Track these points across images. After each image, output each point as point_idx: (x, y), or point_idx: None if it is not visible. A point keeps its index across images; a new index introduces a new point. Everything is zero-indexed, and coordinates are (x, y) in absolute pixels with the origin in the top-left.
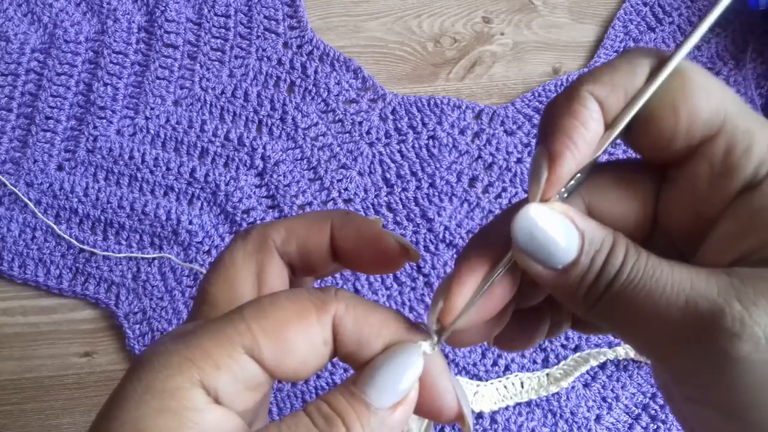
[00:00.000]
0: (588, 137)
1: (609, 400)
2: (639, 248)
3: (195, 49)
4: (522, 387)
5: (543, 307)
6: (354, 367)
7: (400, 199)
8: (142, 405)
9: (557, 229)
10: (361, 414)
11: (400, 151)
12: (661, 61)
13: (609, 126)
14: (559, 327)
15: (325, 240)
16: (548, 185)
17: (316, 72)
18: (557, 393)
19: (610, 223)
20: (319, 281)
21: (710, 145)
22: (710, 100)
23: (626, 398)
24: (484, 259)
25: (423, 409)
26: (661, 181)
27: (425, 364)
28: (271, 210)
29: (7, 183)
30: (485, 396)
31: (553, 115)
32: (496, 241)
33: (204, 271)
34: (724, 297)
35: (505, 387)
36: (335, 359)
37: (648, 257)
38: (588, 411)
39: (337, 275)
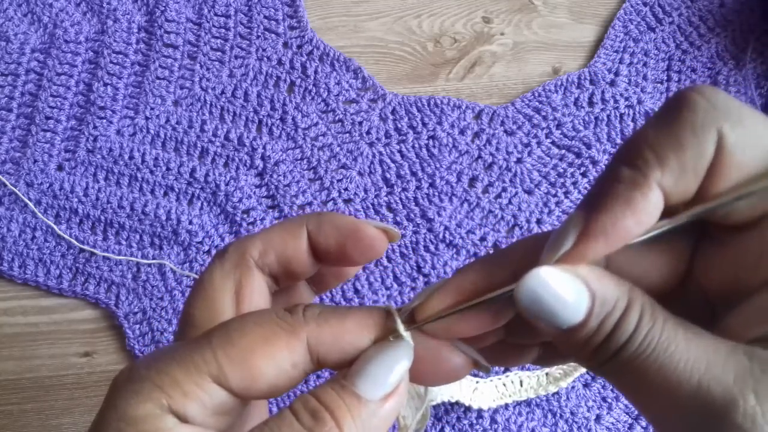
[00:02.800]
0: (635, 232)
1: (609, 400)
2: (656, 313)
3: (195, 49)
4: (521, 385)
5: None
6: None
7: (400, 199)
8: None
9: (565, 292)
10: (352, 406)
11: (400, 151)
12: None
13: (668, 210)
14: (549, 360)
15: (303, 245)
16: (567, 259)
17: (316, 72)
18: (557, 393)
19: (638, 272)
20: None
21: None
22: None
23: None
24: (482, 278)
25: (438, 377)
26: (701, 234)
27: (420, 344)
28: (271, 210)
29: (7, 183)
30: (484, 393)
31: (611, 189)
32: (503, 267)
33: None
34: (739, 387)
35: (504, 385)
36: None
37: (664, 326)
38: (588, 411)
39: None
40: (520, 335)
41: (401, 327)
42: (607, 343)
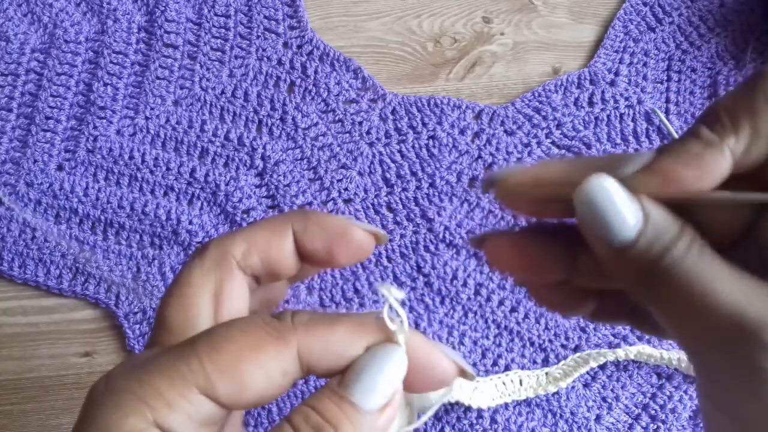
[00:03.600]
0: (694, 185)
1: (609, 400)
2: (705, 247)
3: (195, 49)
4: (521, 385)
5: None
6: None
7: (400, 199)
8: None
9: (621, 204)
10: (354, 419)
11: (400, 151)
12: None
13: (729, 179)
14: (603, 316)
15: (289, 246)
16: (630, 180)
17: (316, 72)
18: (557, 393)
19: (702, 216)
20: (318, 281)
21: None
22: None
23: (626, 398)
24: (565, 172)
25: (427, 384)
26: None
27: (413, 346)
28: (271, 210)
29: (10, 203)
30: (484, 392)
31: (686, 141)
32: (585, 169)
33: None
34: None
35: (504, 384)
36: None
37: (712, 258)
38: (588, 411)
39: (337, 275)
40: (583, 276)
41: (398, 335)
42: (655, 264)
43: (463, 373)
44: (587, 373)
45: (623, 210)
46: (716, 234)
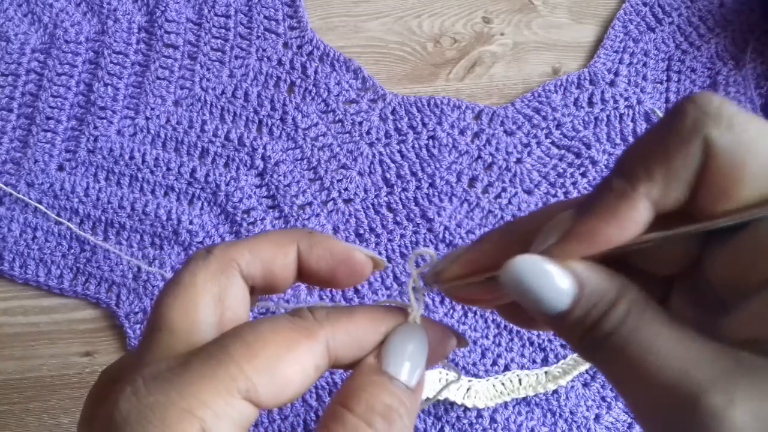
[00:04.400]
0: (617, 239)
1: (608, 400)
2: (646, 310)
3: (195, 49)
4: (520, 383)
5: None
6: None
7: (400, 199)
8: None
9: (547, 281)
10: (403, 399)
11: (400, 151)
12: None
13: (658, 218)
14: None
15: (292, 263)
16: (550, 253)
17: (316, 72)
18: (557, 392)
19: (650, 253)
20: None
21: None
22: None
23: None
24: (497, 250)
25: (438, 356)
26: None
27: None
28: (271, 210)
29: (27, 199)
30: (479, 392)
31: (601, 195)
32: (517, 240)
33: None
34: (711, 385)
35: (503, 383)
36: None
37: (652, 322)
38: (587, 410)
39: None
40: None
41: (417, 317)
42: (593, 332)
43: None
44: (586, 372)
45: (551, 284)
46: (665, 267)
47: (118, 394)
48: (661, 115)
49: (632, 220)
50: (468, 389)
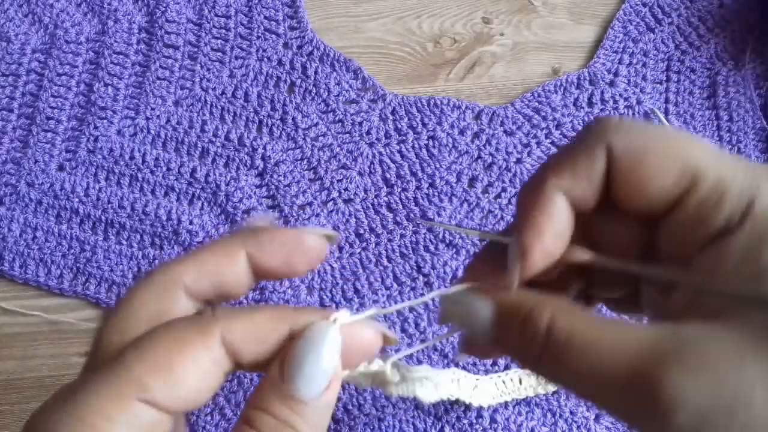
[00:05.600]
0: (557, 228)
1: None
2: (574, 315)
3: (195, 49)
4: (520, 384)
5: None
6: (263, 371)
7: (400, 199)
8: None
9: (468, 312)
10: (304, 413)
11: (400, 152)
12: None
13: (578, 210)
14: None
15: (242, 267)
16: (521, 273)
17: (316, 72)
18: (557, 392)
19: (612, 243)
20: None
21: (685, 199)
22: (674, 161)
23: None
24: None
25: (356, 359)
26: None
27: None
28: (271, 210)
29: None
30: (484, 390)
31: (524, 207)
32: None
33: None
34: (656, 366)
35: (504, 383)
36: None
37: (587, 323)
38: (588, 410)
39: (337, 275)
40: (599, 288)
41: (335, 316)
42: (523, 342)
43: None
44: None
45: (470, 312)
46: (623, 252)
47: (30, 416)
48: (660, 115)
49: (555, 208)
50: (474, 387)
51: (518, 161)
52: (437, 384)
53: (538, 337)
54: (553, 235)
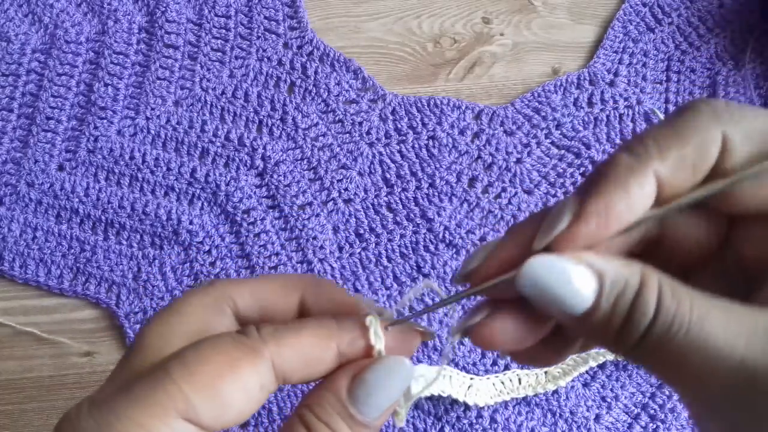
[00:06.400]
0: (628, 218)
1: (608, 400)
2: (678, 290)
3: (195, 49)
4: (519, 383)
5: None
6: (312, 382)
7: (400, 199)
8: None
9: (565, 278)
10: None
11: (400, 152)
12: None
13: (666, 200)
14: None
15: (293, 309)
16: (561, 241)
17: (316, 72)
18: (557, 392)
19: (675, 235)
20: None
21: None
22: None
23: (625, 398)
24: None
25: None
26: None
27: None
28: (271, 210)
29: None
30: (480, 390)
31: (607, 174)
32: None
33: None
34: None
35: (503, 383)
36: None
37: (692, 303)
38: (587, 410)
39: (337, 275)
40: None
41: (380, 343)
42: (628, 325)
43: (424, 336)
44: (587, 372)
45: (570, 282)
46: (692, 254)
47: (62, 417)
48: (661, 115)
49: (642, 195)
50: (469, 386)
51: (518, 161)
52: (427, 379)
53: (645, 319)
54: (620, 222)
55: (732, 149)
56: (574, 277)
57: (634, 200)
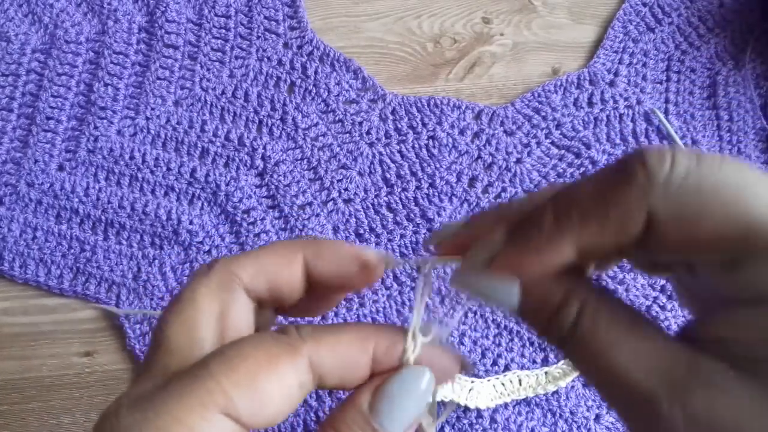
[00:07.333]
0: (540, 273)
1: None
2: (600, 311)
3: (195, 49)
4: (520, 384)
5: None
6: (346, 389)
7: (400, 199)
8: None
9: (493, 288)
10: None
11: (400, 152)
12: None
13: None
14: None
15: (298, 272)
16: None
17: (316, 72)
18: (557, 392)
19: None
20: None
21: (736, 265)
22: (733, 227)
23: None
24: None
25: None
26: None
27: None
28: (271, 210)
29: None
30: (481, 393)
31: (528, 234)
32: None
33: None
34: (665, 390)
35: (503, 384)
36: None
37: (609, 324)
38: (587, 410)
39: None
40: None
41: (411, 354)
42: (549, 331)
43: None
44: None
45: (497, 291)
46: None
47: (102, 415)
48: (660, 115)
49: (554, 260)
50: (470, 390)
51: (518, 161)
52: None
53: (563, 328)
54: (533, 275)
55: (657, 229)
56: (499, 289)
57: (545, 262)
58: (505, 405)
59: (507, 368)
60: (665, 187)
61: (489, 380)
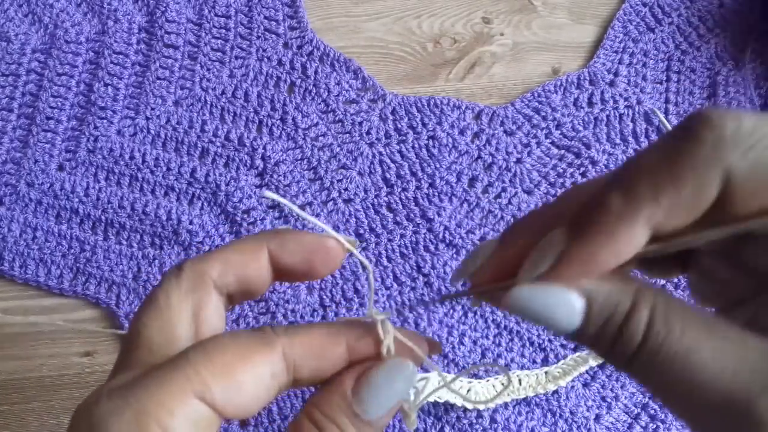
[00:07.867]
0: (612, 264)
1: (608, 400)
2: (673, 316)
3: (195, 49)
4: (520, 384)
5: None
6: (318, 384)
7: (400, 199)
8: None
9: (548, 309)
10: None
11: (400, 152)
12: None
13: (659, 237)
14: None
15: (264, 265)
16: (545, 278)
17: (316, 72)
18: (557, 392)
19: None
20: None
21: None
22: None
23: (625, 398)
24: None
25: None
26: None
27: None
28: (271, 210)
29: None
30: (479, 393)
31: (597, 220)
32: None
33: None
34: (760, 391)
35: (503, 384)
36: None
37: (684, 330)
38: (587, 410)
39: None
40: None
41: (390, 344)
42: (617, 346)
43: (432, 349)
44: (587, 372)
45: (558, 307)
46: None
47: (81, 406)
48: (660, 115)
49: (630, 244)
50: (468, 390)
51: (518, 161)
52: (434, 384)
53: (633, 342)
54: (606, 265)
55: (734, 186)
56: (558, 307)
57: (621, 249)
58: (505, 405)
59: (507, 368)
60: (736, 143)
61: (488, 380)
